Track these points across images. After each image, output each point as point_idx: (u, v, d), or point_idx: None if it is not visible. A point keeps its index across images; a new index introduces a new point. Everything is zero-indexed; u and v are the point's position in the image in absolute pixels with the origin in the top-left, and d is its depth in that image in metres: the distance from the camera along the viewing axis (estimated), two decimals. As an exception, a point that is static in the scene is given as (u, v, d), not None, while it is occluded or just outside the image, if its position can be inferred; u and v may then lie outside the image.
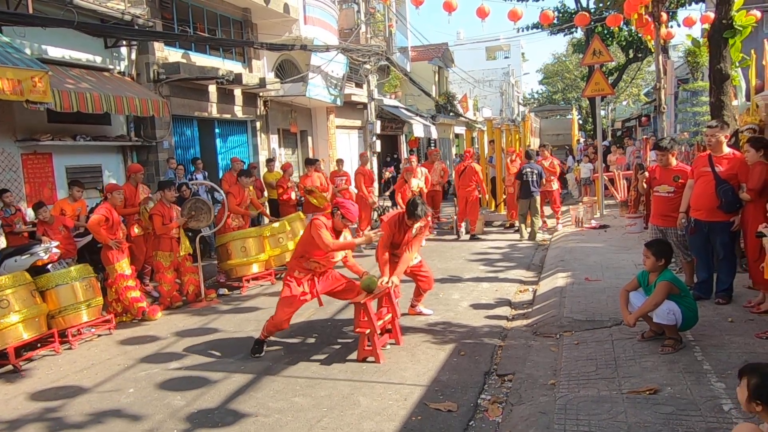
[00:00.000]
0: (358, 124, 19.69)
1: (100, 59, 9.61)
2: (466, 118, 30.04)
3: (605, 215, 12.35)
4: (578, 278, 7.12)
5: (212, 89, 11.91)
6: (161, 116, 9.77)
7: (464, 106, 30.20)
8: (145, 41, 10.19)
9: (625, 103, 45.41)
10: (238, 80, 11.74)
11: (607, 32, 21.66)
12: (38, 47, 8.44)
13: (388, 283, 5.39)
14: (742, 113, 7.97)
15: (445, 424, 3.86)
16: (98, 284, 6.53)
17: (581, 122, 33.06)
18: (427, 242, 10.34)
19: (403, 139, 24.17)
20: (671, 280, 4.45)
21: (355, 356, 5.09)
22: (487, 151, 15.54)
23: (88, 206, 8.05)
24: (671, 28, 13.16)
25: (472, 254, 9.78)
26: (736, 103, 7.89)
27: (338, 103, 16.14)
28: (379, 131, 19.36)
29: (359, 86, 18.74)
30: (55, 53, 8.70)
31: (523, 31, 22.73)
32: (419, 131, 22.19)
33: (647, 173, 6.46)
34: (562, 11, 23.07)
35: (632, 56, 26.34)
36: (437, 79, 29.29)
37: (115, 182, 9.84)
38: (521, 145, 16.27)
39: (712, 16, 8.13)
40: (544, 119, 31.63)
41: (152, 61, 10.42)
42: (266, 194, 11.55)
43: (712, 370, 3.99)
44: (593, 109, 21.07)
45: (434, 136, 24.61)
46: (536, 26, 21.89)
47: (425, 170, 11.63)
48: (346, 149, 18.10)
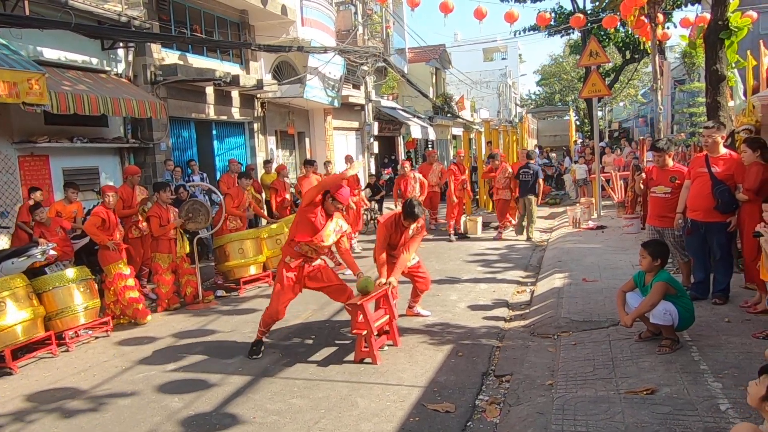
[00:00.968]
0: (355, 125, 19.70)
1: (97, 61, 9.60)
2: (463, 119, 30.08)
3: (602, 216, 12.38)
4: (576, 279, 7.13)
5: (209, 91, 11.90)
6: (158, 118, 9.76)
7: (461, 106, 30.23)
8: (142, 43, 10.18)
9: (622, 104, 45.53)
10: (235, 82, 11.73)
11: (603, 33, 21.73)
12: (35, 49, 8.42)
13: (385, 284, 5.39)
14: (738, 114, 7.99)
15: (443, 425, 3.86)
16: (95, 286, 6.52)
17: (578, 123, 33.12)
18: (424, 243, 10.32)
19: (400, 140, 24.18)
20: (667, 280, 4.46)
21: (352, 358, 5.09)
22: (484, 152, 15.58)
23: (84, 208, 8.03)
24: (668, 29, 13.20)
25: (469, 255, 9.79)
26: (732, 103, 7.91)
27: (336, 104, 16.14)
28: (376, 133, 19.36)
29: (357, 88, 18.74)
30: (52, 55, 8.69)
31: (520, 32, 22.79)
32: (417, 132, 22.21)
33: (644, 174, 6.47)
34: (558, 13, 23.14)
35: (629, 57, 26.42)
36: (434, 80, 29.33)
37: (111, 184, 9.86)
38: (518, 146, 16.34)
39: (708, 17, 8.16)
40: (541, 120, 31.68)
41: (149, 62, 10.41)
42: (264, 195, 11.55)
43: (709, 370, 4.00)
44: (590, 110, 21.13)
45: (432, 137, 24.64)
46: (533, 28, 21.95)
47: (420, 176, 11.47)
48: (343, 151, 18.10)
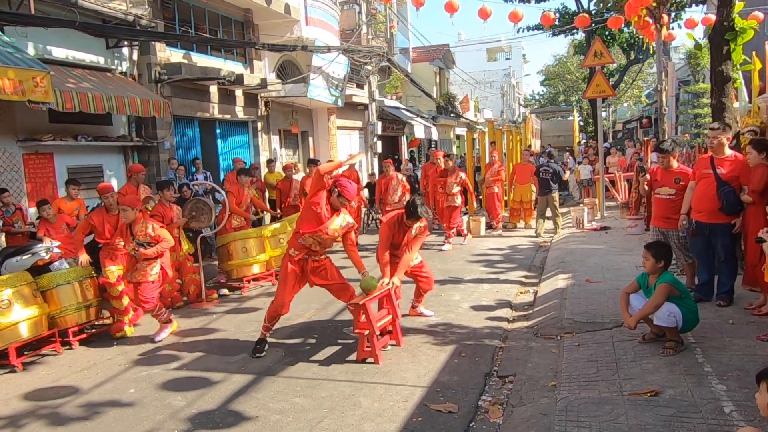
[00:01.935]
0: (359, 125, 19.70)
1: (101, 59, 9.63)
2: (466, 119, 30.06)
3: (606, 217, 12.36)
4: (579, 280, 7.12)
5: (213, 90, 11.92)
6: (162, 117, 9.78)
7: (464, 107, 30.20)
8: (146, 42, 10.20)
9: (626, 104, 45.39)
10: (239, 81, 11.75)
11: (608, 34, 21.66)
12: (40, 47, 8.45)
13: (388, 284, 5.39)
14: (743, 115, 7.97)
15: (445, 425, 3.86)
16: (99, 284, 6.52)
17: (582, 124, 33.05)
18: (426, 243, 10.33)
19: (404, 140, 24.18)
20: (671, 282, 4.45)
21: (354, 357, 5.09)
22: (488, 152, 15.57)
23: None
24: (673, 29, 13.18)
25: (472, 255, 9.78)
26: (737, 105, 7.88)
27: (339, 104, 16.15)
28: (380, 132, 19.37)
29: (360, 87, 18.75)
30: (57, 53, 8.71)
31: (524, 32, 22.74)
32: (420, 132, 22.21)
33: (648, 175, 6.46)
34: (563, 13, 23.08)
35: (633, 58, 26.34)
36: (438, 80, 29.31)
37: (114, 182, 9.88)
38: (522, 146, 16.32)
39: (713, 18, 8.13)
40: (545, 120, 31.66)
41: (154, 61, 10.43)
42: (267, 195, 11.56)
43: (713, 372, 3.99)
44: (594, 110, 21.06)
45: (435, 137, 24.64)
46: (537, 27, 21.90)
47: (404, 177, 11.52)
48: (347, 150, 18.11)
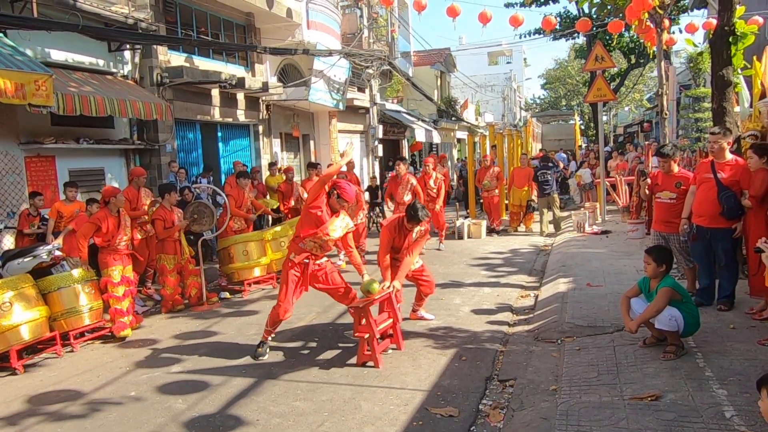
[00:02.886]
0: (360, 128, 19.72)
1: (103, 63, 9.65)
2: (468, 122, 30.08)
3: (607, 221, 12.35)
4: (580, 284, 7.12)
5: (215, 93, 11.94)
6: (164, 120, 9.80)
7: (462, 109, 30.20)
8: (148, 45, 10.23)
9: (627, 108, 45.42)
10: (240, 84, 11.77)
11: (609, 38, 21.70)
12: (42, 51, 8.47)
13: (389, 287, 5.39)
14: (744, 119, 7.97)
15: (446, 429, 3.86)
16: (100, 287, 6.53)
17: (583, 128, 33.08)
18: (426, 247, 10.32)
19: (405, 143, 24.19)
20: (673, 286, 4.44)
21: (355, 361, 5.09)
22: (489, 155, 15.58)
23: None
24: (673, 34, 13.19)
25: (473, 259, 9.78)
26: (738, 109, 7.89)
27: (340, 107, 16.17)
28: (381, 136, 19.39)
29: (361, 91, 18.77)
30: (58, 57, 8.73)
31: (525, 36, 22.78)
32: (421, 136, 22.22)
33: (649, 179, 6.46)
34: (564, 17, 23.13)
35: (634, 62, 26.38)
36: (439, 83, 29.34)
37: (115, 185, 9.89)
38: (522, 149, 16.34)
39: (714, 22, 8.14)
40: (545, 124, 31.65)
41: (155, 64, 10.45)
42: (268, 198, 11.55)
43: (714, 376, 3.99)
44: (595, 114, 21.11)
45: (436, 140, 24.64)
46: (538, 32, 21.94)
47: (415, 181, 11.13)
48: (348, 154, 18.13)
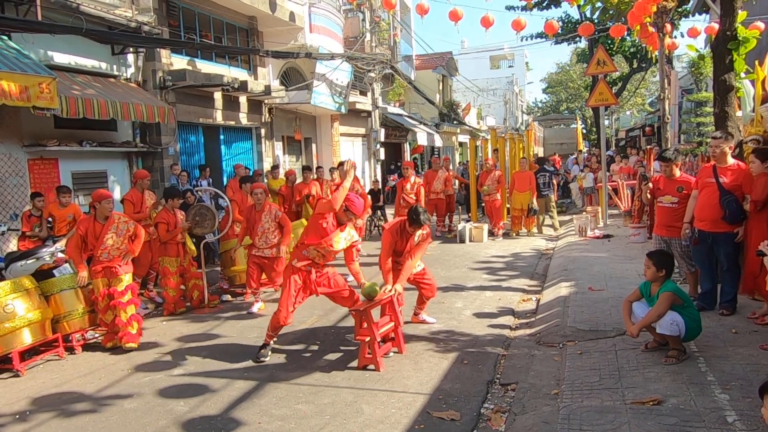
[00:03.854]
0: (362, 131, 19.77)
1: (106, 66, 9.69)
2: (469, 126, 30.10)
3: (609, 225, 12.35)
4: (582, 288, 7.11)
5: (218, 96, 11.98)
6: (167, 123, 9.84)
7: (464, 113, 30.23)
8: (151, 48, 10.27)
9: (629, 112, 45.44)
10: (243, 87, 11.81)
11: (611, 42, 21.74)
12: (46, 54, 8.52)
13: (391, 291, 5.40)
14: (746, 124, 7.97)
15: (447, 433, 3.86)
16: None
17: (585, 132, 33.10)
18: (429, 250, 10.34)
19: (407, 147, 24.23)
20: (674, 290, 4.44)
21: (356, 364, 5.09)
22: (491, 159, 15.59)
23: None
24: (675, 38, 13.20)
25: (475, 263, 9.78)
26: (740, 113, 7.89)
27: (343, 110, 16.21)
28: (383, 139, 19.41)
29: (363, 94, 18.82)
30: (62, 60, 8.78)
31: (527, 40, 22.82)
32: (423, 139, 22.27)
33: (651, 184, 6.46)
34: (565, 21, 23.17)
35: (636, 66, 26.42)
36: (441, 87, 29.39)
37: (118, 188, 9.92)
38: (524, 153, 16.36)
39: (716, 27, 8.15)
40: (547, 128, 31.69)
41: (158, 67, 10.50)
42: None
43: (716, 381, 3.98)
44: (597, 118, 21.10)
45: (438, 144, 24.68)
46: (540, 35, 21.98)
47: (419, 181, 11.35)
48: (350, 157, 18.19)
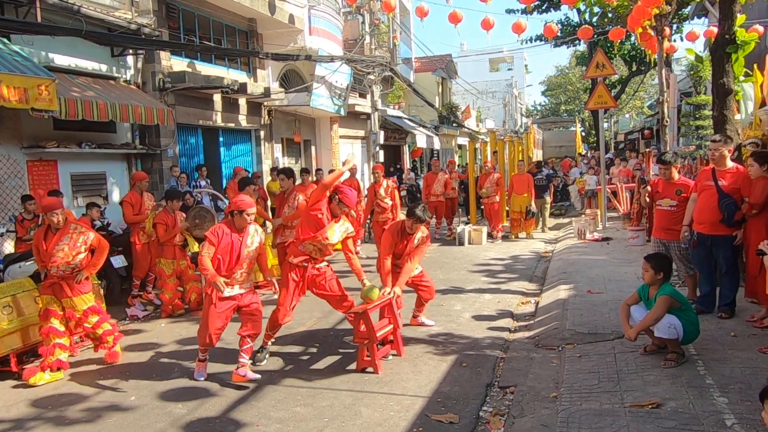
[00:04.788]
0: (361, 134, 19.78)
1: (106, 68, 9.70)
2: (469, 129, 30.14)
3: (608, 227, 12.35)
4: (581, 290, 7.11)
5: (217, 98, 11.99)
6: (166, 124, 9.84)
7: (464, 116, 30.29)
8: (151, 50, 10.28)
9: (628, 115, 45.53)
10: (242, 90, 11.82)
11: (610, 45, 21.80)
12: (46, 55, 8.52)
13: (389, 293, 5.39)
14: (745, 127, 7.98)
15: (446, 435, 3.85)
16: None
17: (584, 134, 33.14)
18: (428, 253, 10.32)
19: (406, 149, 24.25)
20: (671, 293, 4.45)
21: (354, 366, 5.08)
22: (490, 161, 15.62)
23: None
24: (674, 42, 13.24)
25: (474, 265, 9.78)
26: (739, 117, 7.90)
27: (342, 113, 16.22)
28: (382, 141, 19.44)
29: (363, 96, 18.84)
30: (62, 61, 8.78)
31: (526, 43, 22.86)
32: (422, 142, 22.29)
33: (649, 187, 6.47)
34: (565, 24, 23.23)
35: (635, 69, 26.47)
36: (440, 90, 29.44)
37: (117, 189, 9.91)
38: (522, 156, 16.40)
39: (715, 30, 8.17)
40: (546, 131, 31.75)
41: (158, 69, 10.50)
42: (269, 203, 11.57)
43: (714, 384, 3.98)
44: (596, 121, 21.14)
45: (437, 146, 24.71)
46: (540, 38, 22.03)
47: (393, 184, 10.57)
48: (350, 157, 18.20)
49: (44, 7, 7.96)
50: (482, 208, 13.30)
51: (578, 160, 21.88)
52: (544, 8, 22.02)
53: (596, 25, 14.10)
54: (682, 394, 3.89)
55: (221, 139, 12.67)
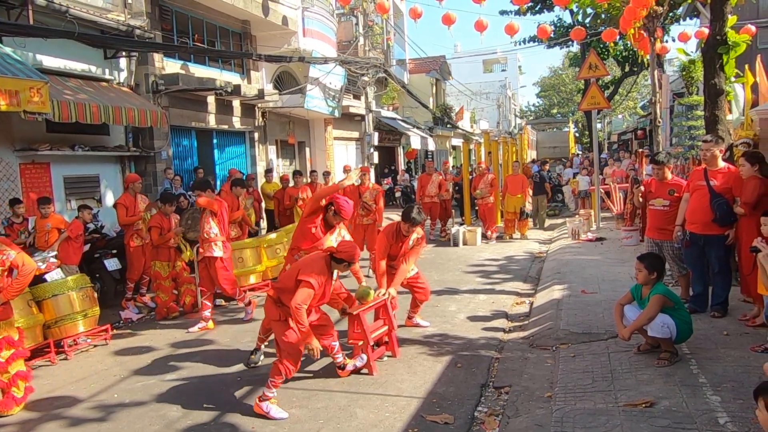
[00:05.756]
0: (355, 135, 19.78)
1: (99, 70, 9.65)
2: (463, 130, 30.19)
3: (601, 228, 12.40)
4: (575, 291, 7.14)
5: (211, 100, 11.96)
6: (159, 127, 9.81)
7: (457, 117, 30.34)
8: (144, 52, 10.24)
9: (621, 116, 45.72)
10: (236, 91, 11.80)
11: (603, 46, 21.89)
12: (38, 57, 8.47)
13: (384, 294, 5.39)
14: (736, 127, 8.05)
15: (441, 436, 3.86)
16: (95, 294, 6.51)
17: (577, 135, 33.27)
18: (423, 254, 10.32)
19: (400, 150, 24.27)
20: (664, 293, 4.47)
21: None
22: (484, 162, 15.67)
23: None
24: (666, 42, 13.31)
25: (468, 266, 9.80)
26: (730, 117, 7.96)
27: (336, 114, 16.21)
28: (376, 143, 19.44)
29: (357, 98, 18.83)
30: (54, 64, 8.73)
31: (520, 44, 22.94)
32: (416, 143, 22.31)
33: (642, 187, 6.50)
34: (558, 25, 23.32)
35: (628, 70, 26.60)
36: (434, 91, 29.47)
37: (110, 192, 9.87)
38: (518, 156, 16.46)
39: (706, 32, 8.22)
40: (540, 132, 31.85)
41: (151, 72, 10.47)
42: (264, 205, 11.57)
43: (707, 383, 4.01)
44: (589, 122, 21.20)
45: (431, 147, 24.73)
46: (533, 39, 22.10)
47: (379, 187, 10.21)
48: (343, 161, 18.18)
49: (36, 9, 7.92)
50: (476, 208, 13.33)
51: (572, 160, 21.94)
52: (537, 9, 22.08)
53: (589, 26, 14.16)
54: (675, 392, 3.91)
55: (215, 141, 12.64)
